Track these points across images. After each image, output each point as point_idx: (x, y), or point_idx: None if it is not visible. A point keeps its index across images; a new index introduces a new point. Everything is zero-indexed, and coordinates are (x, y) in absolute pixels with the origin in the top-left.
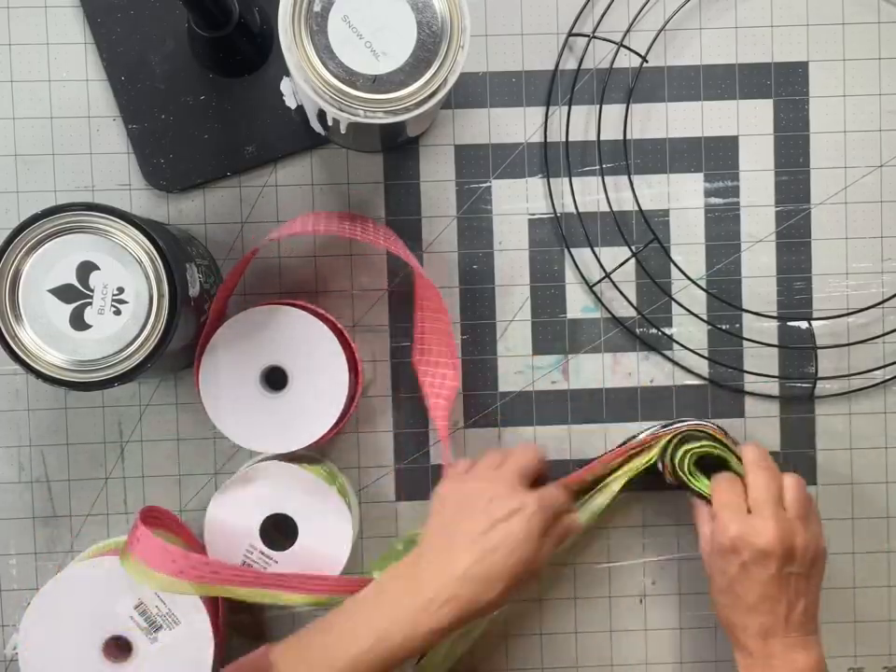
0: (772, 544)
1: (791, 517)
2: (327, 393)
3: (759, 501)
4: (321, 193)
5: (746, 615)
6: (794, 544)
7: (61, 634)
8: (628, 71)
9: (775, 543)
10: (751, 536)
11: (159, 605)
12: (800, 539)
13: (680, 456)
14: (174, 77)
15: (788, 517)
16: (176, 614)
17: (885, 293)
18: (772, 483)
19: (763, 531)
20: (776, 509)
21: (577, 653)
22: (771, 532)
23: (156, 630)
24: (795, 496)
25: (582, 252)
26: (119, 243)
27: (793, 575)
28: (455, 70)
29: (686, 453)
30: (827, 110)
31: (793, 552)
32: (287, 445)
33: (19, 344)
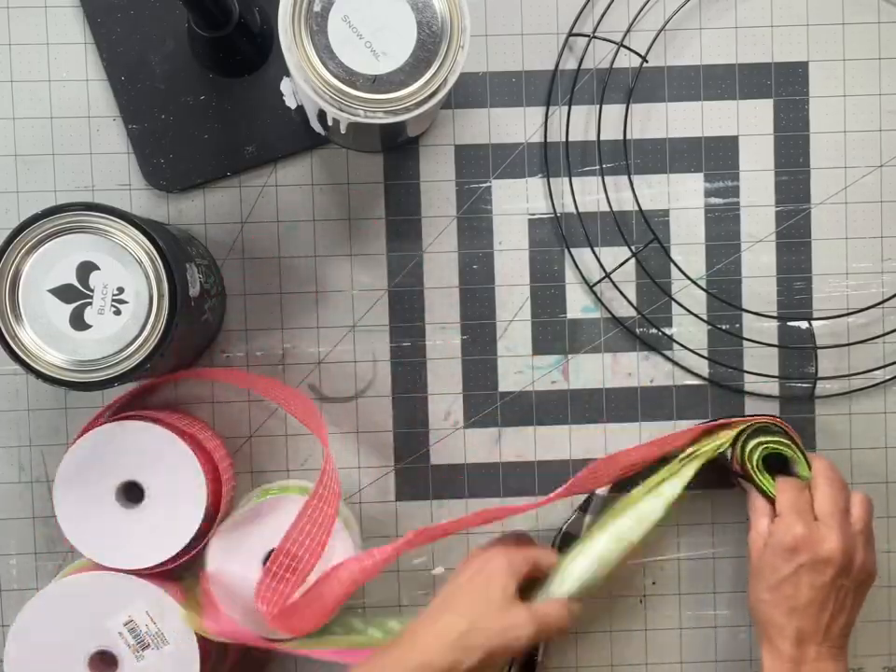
0: (834, 553)
1: (855, 531)
2: (182, 510)
3: (826, 511)
4: (321, 193)
5: (787, 616)
6: (853, 559)
7: (48, 644)
8: (628, 71)
9: (837, 553)
10: (816, 540)
11: (149, 624)
12: (859, 556)
13: (752, 447)
14: (174, 77)
15: (852, 531)
16: (165, 635)
17: (885, 293)
18: (841, 497)
19: (828, 538)
20: (842, 520)
21: (577, 653)
22: (836, 541)
23: (143, 648)
24: (862, 513)
25: (582, 252)
26: (119, 243)
27: (844, 588)
28: (455, 70)
29: (758, 445)
30: (827, 110)
31: (851, 566)
32: (141, 562)
33: (19, 344)
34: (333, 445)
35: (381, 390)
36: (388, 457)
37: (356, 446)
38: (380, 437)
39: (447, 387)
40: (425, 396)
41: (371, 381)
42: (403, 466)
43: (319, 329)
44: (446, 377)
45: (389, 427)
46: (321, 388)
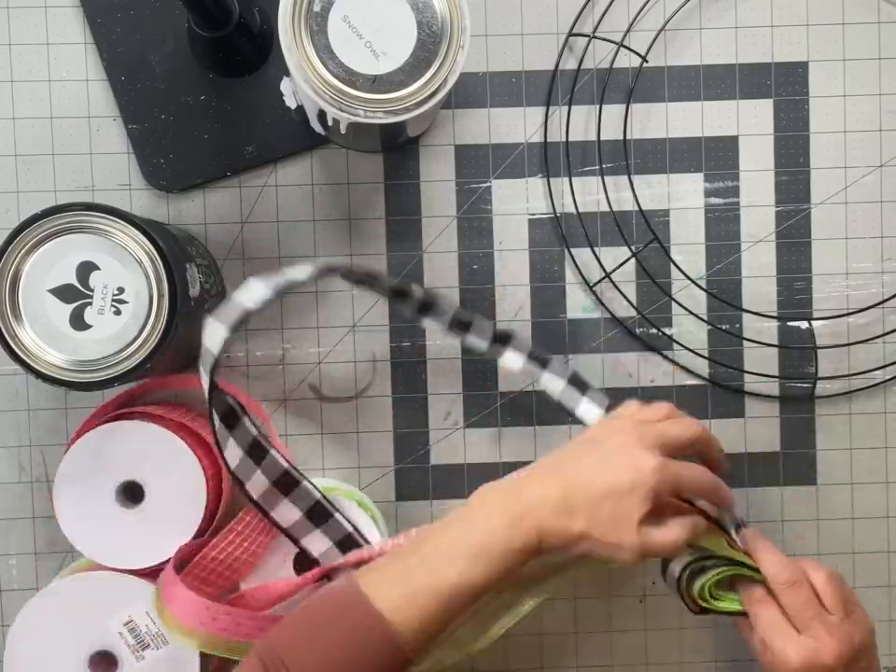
0: (836, 659)
1: (838, 620)
2: (182, 508)
3: (805, 620)
4: (321, 193)
5: None
6: (853, 646)
7: (48, 642)
8: (628, 71)
9: (837, 657)
10: (814, 659)
11: (149, 624)
12: (857, 638)
13: (699, 590)
14: (174, 77)
15: (836, 621)
16: (165, 635)
17: (885, 293)
18: (806, 597)
19: (823, 651)
20: (824, 622)
21: (577, 653)
22: (831, 648)
23: (143, 648)
24: (833, 595)
25: (582, 252)
26: (119, 243)
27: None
28: (455, 70)
29: (703, 586)
30: (827, 110)
31: (855, 653)
32: (141, 562)
33: (19, 344)
34: (333, 445)
35: (381, 390)
36: (388, 457)
37: (356, 446)
38: (380, 437)
39: (447, 387)
40: (425, 396)
41: (371, 381)
42: (403, 466)
43: (319, 329)
44: (446, 377)
45: (389, 427)
46: (321, 388)
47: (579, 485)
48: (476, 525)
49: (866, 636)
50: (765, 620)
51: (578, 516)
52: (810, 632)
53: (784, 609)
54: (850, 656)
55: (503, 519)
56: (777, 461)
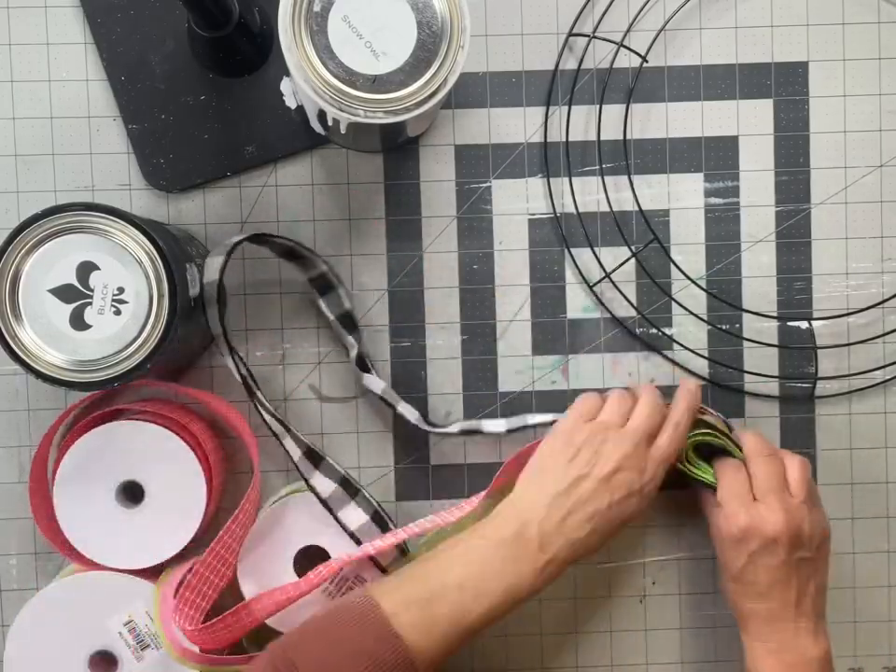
0: (780, 531)
1: (797, 502)
2: (183, 508)
3: (764, 490)
4: (321, 193)
5: (755, 601)
6: (802, 529)
7: (48, 642)
8: (628, 71)
9: (783, 530)
10: (760, 524)
11: (149, 624)
12: (807, 525)
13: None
14: (174, 77)
15: (794, 502)
16: None
17: (885, 293)
18: (775, 470)
19: (770, 519)
20: (781, 495)
21: (577, 653)
22: (779, 520)
23: (143, 648)
24: (800, 479)
25: (582, 252)
26: (119, 243)
27: (802, 560)
28: (455, 70)
29: (682, 449)
30: (827, 110)
31: (801, 537)
32: (141, 562)
33: (19, 344)
34: (333, 445)
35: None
36: (388, 457)
37: (356, 446)
38: (380, 437)
39: (447, 387)
40: (425, 396)
41: None
42: (403, 466)
43: (319, 329)
44: (446, 377)
45: (389, 427)
46: (321, 388)
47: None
48: (505, 569)
49: (817, 531)
50: (729, 484)
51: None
52: (766, 501)
53: (751, 479)
54: (794, 537)
55: (531, 566)
56: None
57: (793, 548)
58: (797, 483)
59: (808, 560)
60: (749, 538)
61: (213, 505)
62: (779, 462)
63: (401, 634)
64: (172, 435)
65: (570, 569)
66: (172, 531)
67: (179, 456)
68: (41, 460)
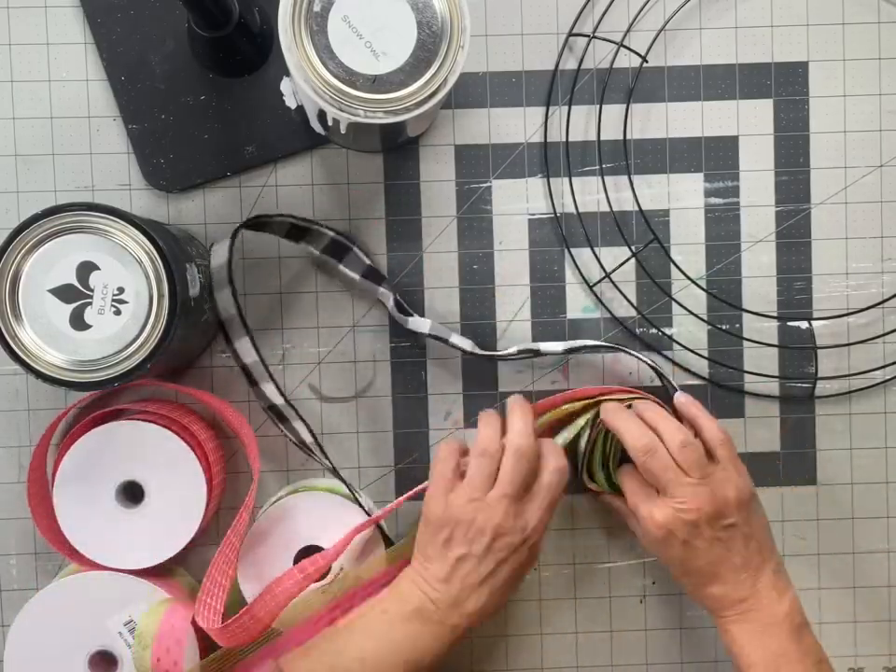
0: (693, 513)
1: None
2: (183, 508)
3: (663, 483)
4: (321, 193)
5: (710, 586)
6: (713, 502)
7: (48, 642)
8: (628, 71)
9: (694, 510)
10: (674, 516)
11: None
12: (719, 495)
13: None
14: (174, 77)
15: (694, 482)
16: None
17: (885, 293)
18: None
19: (679, 506)
20: (676, 481)
21: (577, 653)
22: (690, 506)
23: (143, 649)
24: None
25: (582, 252)
26: (119, 243)
27: (730, 527)
28: (455, 70)
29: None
30: (827, 110)
31: (715, 510)
32: (141, 562)
33: (19, 344)
34: (333, 445)
35: (381, 390)
36: (388, 457)
37: (356, 446)
38: (380, 437)
39: (447, 387)
40: (425, 396)
41: (371, 381)
42: (403, 466)
43: (319, 329)
44: (446, 377)
45: (389, 428)
46: (321, 388)
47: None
48: (404, 643)
49: (729, 494)
50: (631, 488)
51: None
52: (669, 493)
53: (645, 478)
54: (710, 512)
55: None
56: (776, 461)
57: (713, 521)
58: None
59: (735, 525)
60: (672, 529)
61: (213, 505)
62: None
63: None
64: (172, 435)
65: (570, 569)
66: (172, 531)
67: (179, 456)
68: (39, 460)
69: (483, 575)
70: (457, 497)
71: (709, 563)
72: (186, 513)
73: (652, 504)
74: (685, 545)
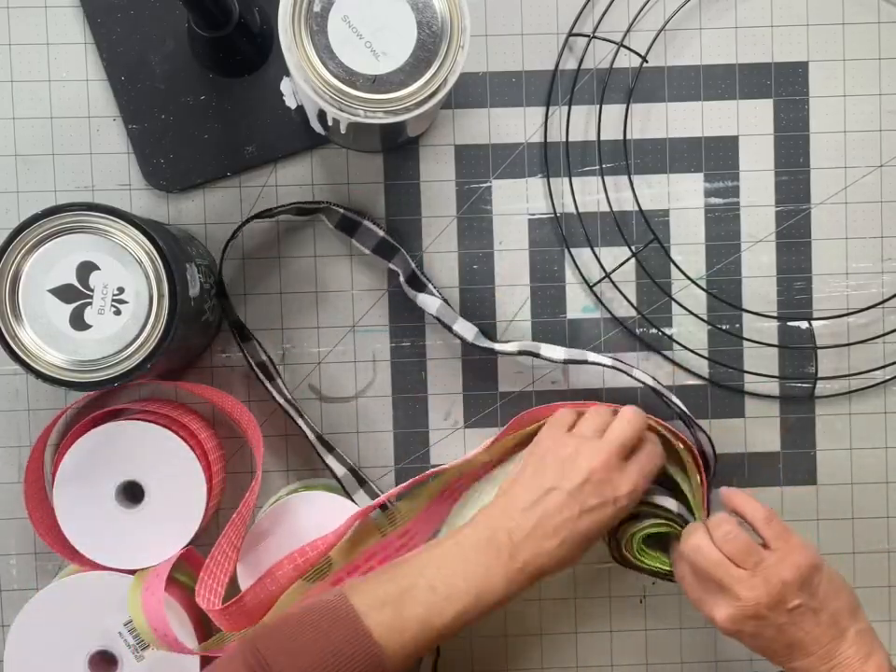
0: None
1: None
2: (183, 508)
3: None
4: (321, 193)
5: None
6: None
7: (48, 642)
8: (628, 71)
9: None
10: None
11: None
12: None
13: (626, 541)
14: (174, 77)
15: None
16: None
17: (885, 293)
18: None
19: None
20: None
21: (577, 653)
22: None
23: (143, 648)
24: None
25: (582, 252)
26: (119, 243)
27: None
28: (455, 70)
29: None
30: (827, 110)
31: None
32: (142, 561)
33: (19, 344)
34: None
35: (381, 390)
36: (388, 457)
37: (356, 446)
38: (380, 437)
39: (447, 387)
40: (425, 396)
41: (371, 381)
42: (403, 466)
43: (319, 329)
44: (446, 377)
45: (389, 428)
46: (321, 388)
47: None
48: (476, 572)
49: (787, 574)
50: (688, 583)
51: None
52: (724, 590)
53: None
54: (770, 602)
55: (502, 572)
56: (776, 461)
57: (777, 608)
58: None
59: (801, 605)
60: (738, 629)
61: (213, 504)
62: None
63: (372, 633)
64: (172, 435)
65: (570, 569)
66: (172, 531)
67: (179, 456)
68: (36, 461)
69: (565, 518)
70: (567, 435)
71: (785, 646)
72: (186, 513)
73: (713, 603)
74: (755, 637)
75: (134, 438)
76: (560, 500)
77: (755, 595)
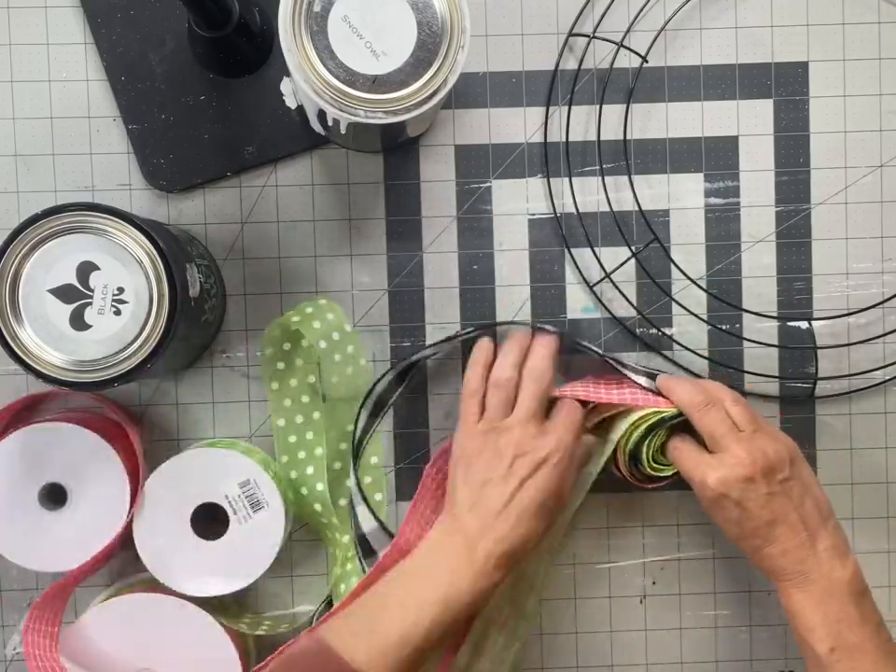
0: (749, 468)
1: (749, 434)
2: (105, 510)
3: (714, 438)
4: (321, 193)
5: (768, 546)
6: (767, 455)
7: None
8: (628, 71)
9: (749, 465)
10: (729, 475)
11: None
12: (770, 449)
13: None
14: (174, 77)
15: (748, 436)
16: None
17: (885, 293)
18: (716, 416)
19: (737, 464)
20: (732, 436)
21: (577, 653)
22: (745, 460)
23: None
24: (741, 413)
25: (582, 252)
26: (119, 243)
27: (785, 481)
28: (455, 70)
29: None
30: (827, 110)
31: (770, 463)
32: (64, 564)
33: (19, 344)
34: None
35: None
36: (388, 457)
37: None
38: (380, 437)
39: (447, 387)
40: (425, 396)
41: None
42: (403, 466)
43: None
44: (446, 377)
45: (389, 428)
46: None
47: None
48: (441, 579)
49: (781, 448)
50: (683, 456)
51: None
52: (720, 449)
53: (701, 433)
54: (765, 466)
55: (467, 569)
56: None
57: (769, 475)
58: (740, 416)
59: (790, 480)
60: (726, 491)
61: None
62: (719, 405)
63: (353, 664)
64: (90, 433)
65: (570, 569)
66: (95, 534)
67: (100, 455)
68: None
69: (507, 495)
70: (479, 430)
71: (766, 522)
72: (109, 515)
73: (706, 466)
74: (739, 505)
75: (57, 439)
76: (497, 487)
77: (754, 455)
